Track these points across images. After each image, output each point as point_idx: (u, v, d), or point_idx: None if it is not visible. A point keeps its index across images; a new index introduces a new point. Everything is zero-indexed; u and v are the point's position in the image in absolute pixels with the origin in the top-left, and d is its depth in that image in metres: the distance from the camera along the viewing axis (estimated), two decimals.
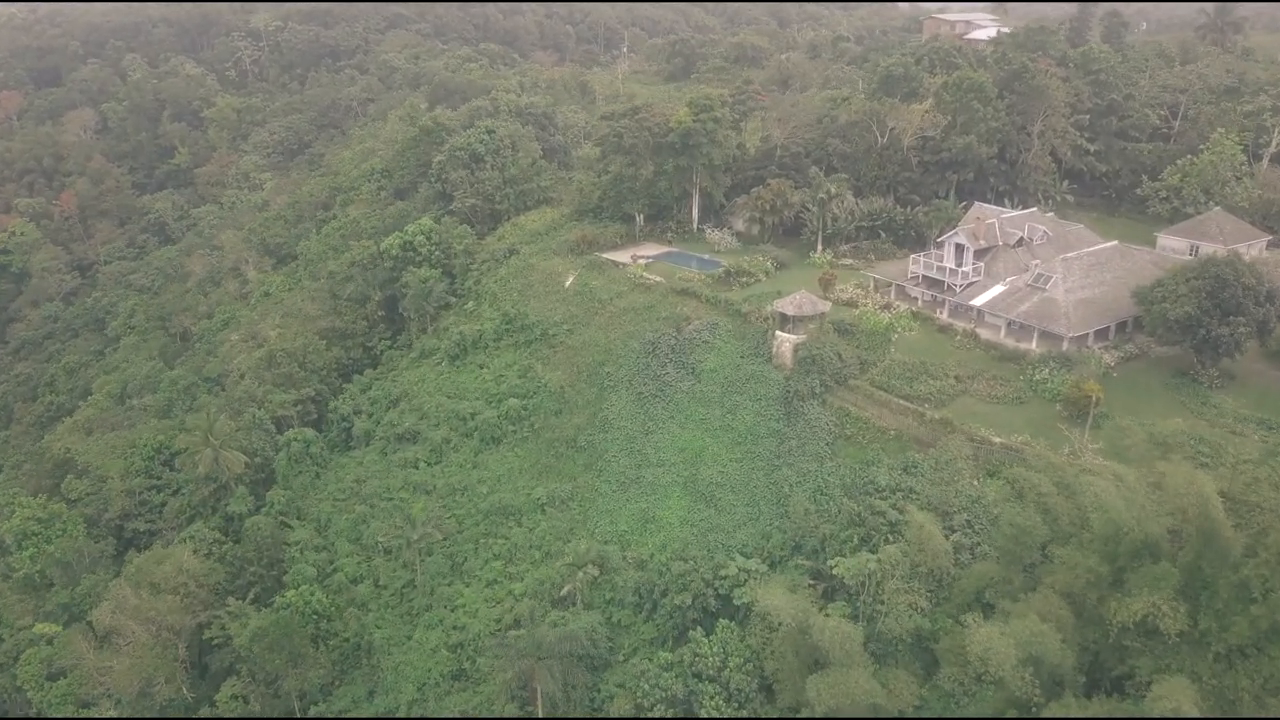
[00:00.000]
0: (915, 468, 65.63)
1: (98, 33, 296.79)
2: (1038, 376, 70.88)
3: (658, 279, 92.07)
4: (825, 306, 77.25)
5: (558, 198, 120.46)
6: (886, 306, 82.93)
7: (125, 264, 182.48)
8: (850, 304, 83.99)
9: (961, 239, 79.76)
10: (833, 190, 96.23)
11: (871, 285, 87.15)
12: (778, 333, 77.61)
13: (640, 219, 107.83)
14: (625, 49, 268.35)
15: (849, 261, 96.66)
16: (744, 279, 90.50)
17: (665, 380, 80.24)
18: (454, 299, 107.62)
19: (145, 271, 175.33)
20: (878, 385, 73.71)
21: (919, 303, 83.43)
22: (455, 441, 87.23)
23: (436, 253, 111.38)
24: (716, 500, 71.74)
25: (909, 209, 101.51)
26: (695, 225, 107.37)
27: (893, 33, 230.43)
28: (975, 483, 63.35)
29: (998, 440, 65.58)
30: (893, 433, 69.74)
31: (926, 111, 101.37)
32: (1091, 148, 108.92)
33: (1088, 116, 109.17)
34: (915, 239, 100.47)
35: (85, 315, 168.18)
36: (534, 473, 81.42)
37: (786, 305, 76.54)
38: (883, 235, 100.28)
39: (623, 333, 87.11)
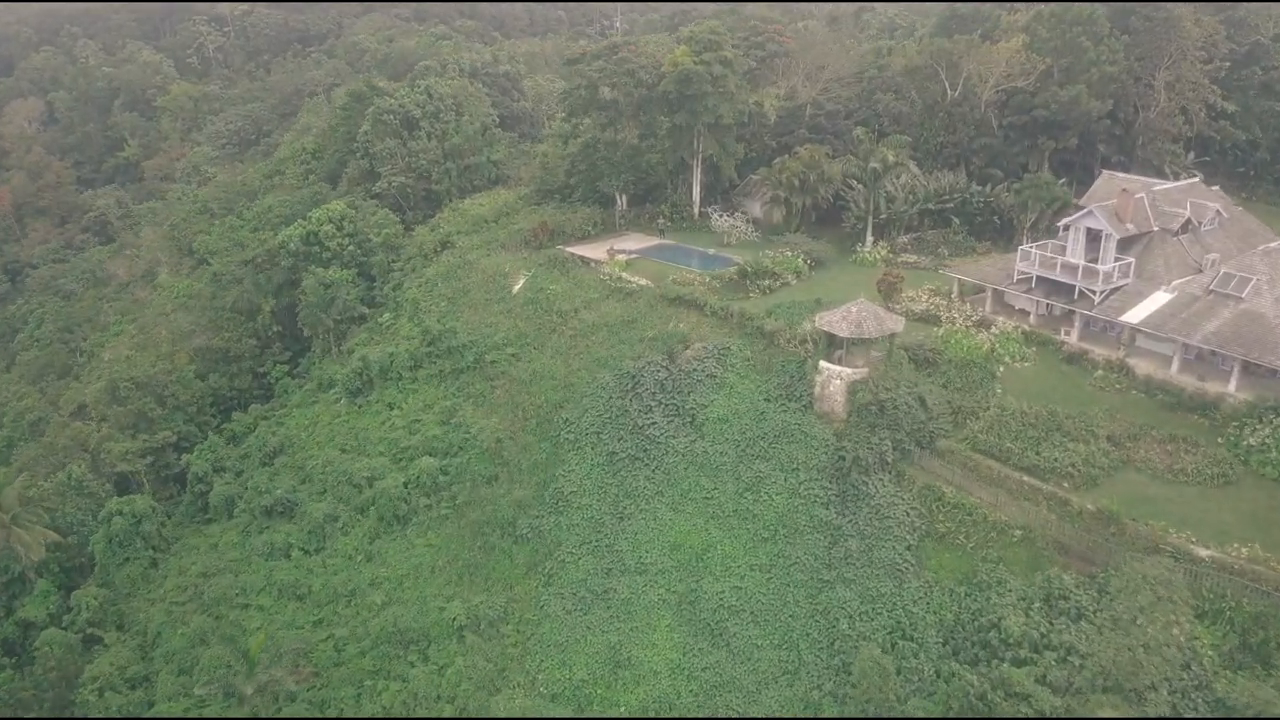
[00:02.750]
0: (1067, 599, 40.35)
1: (53, 18, 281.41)
2: (1250, 440, 45.62)
3: (643, 281, 66.95)
4: (896, 324, 51.97)
5: (516, 176, 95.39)
6: (981, 323, 57.73)
7: (55, 267, 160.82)
8: (925, 319, 58.86)
9: (1099, 221, 54.50)
10: (891, 158, 71.00)
11: (955, 291, 61.94)
12: (823, 364, 52.43)
13: (622, 201, 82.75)
14: (617, 24, 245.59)
15: (911, 258, 71.66)
16: (766, 282, 65.48)
17: (650, 435, 55.00)
18: (369, 309, 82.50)
19: (72, 275, 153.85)
20: (983, 449, 48.59)
21: (1031, 318, 58.15)
22: (344, 519, 61.84)
23: (350, 247, 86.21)
24: (728, 634, 46.54)
25: (988, 186, 76.40)
26: (696, 209, 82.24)
27: None
28: (1178, 631, 38.02)
29: (1205, 554, 40.32)
30: (1018, 532, 44.43)
31: (1016, 52, 76.19)
32: (1230, 108, 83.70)
33: (1225, 66, 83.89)
34: (999, 228, 75.57)
35: (3, 326, 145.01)
36: (452, 573, 56.05)
37: (837, 322, 51.30)
38: (955, 222, 75.16)
39: (590, 360, 61.97)
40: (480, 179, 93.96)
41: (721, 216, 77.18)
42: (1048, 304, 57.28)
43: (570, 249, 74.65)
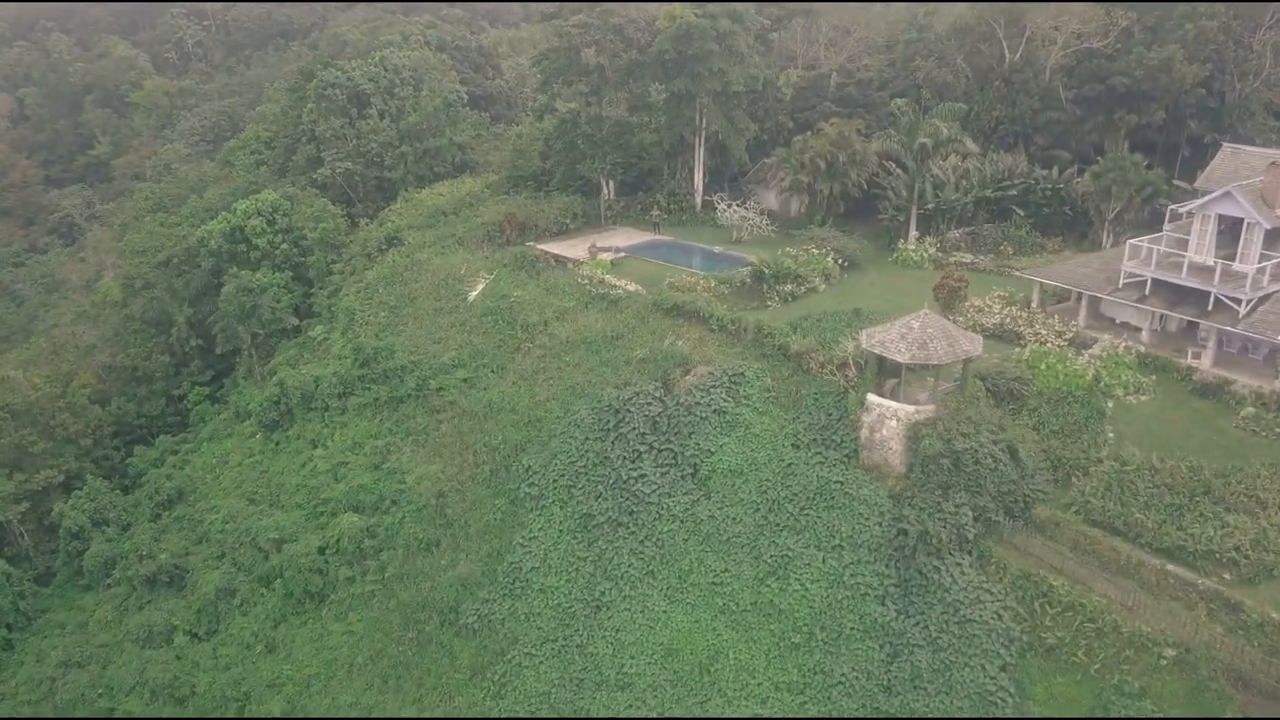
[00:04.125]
0: None
1: (29, 14, 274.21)
2: None
3: (631, 286, 53.94)
4: (974, 344, 38.77)
5: (485, 162, 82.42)
6: (1076, 342, 44.65)
7: (15, 270, 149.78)
8: (999, 335, 45.81)
9: (1240, 205, 41.41)
10: (944, 132, 57.90)
11: (1035, 299, 48.90)
12: (872, 398, 39.38)
13: (608, 188, 69.76)
14: None
15: (966, 257, 58.86)
16: (788, 287, 52.62)
17: (638, 491, 41.85)
18: (306, 321, 69.62)
19: (29, 279, 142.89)
20: (1101, 521, 35.61)
21: (1143, 334, 45.01)
22: (244, 594, 48.76)
23: (284, 245, 73.30)
24: None
25: (1054, 171, 63.50)
26: (699, 198, 69.21)
27: None
28: None
29: None
30: (1169, 651, 31.29)
31: (1091, 7, 63.27)
32: None
33: None
34: (1069, 221, 62.70)
35: None
36: (375, 674, 42.89)
37: (894, 342, 38.20)
38: (1017, 214, 62.15)
39: (562, 388, 48.89)
40: (442, 165, 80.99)
41: (730, 207, 64.16)
42: (1167, 316, 44.12)
43: (543, 246, 61.61)
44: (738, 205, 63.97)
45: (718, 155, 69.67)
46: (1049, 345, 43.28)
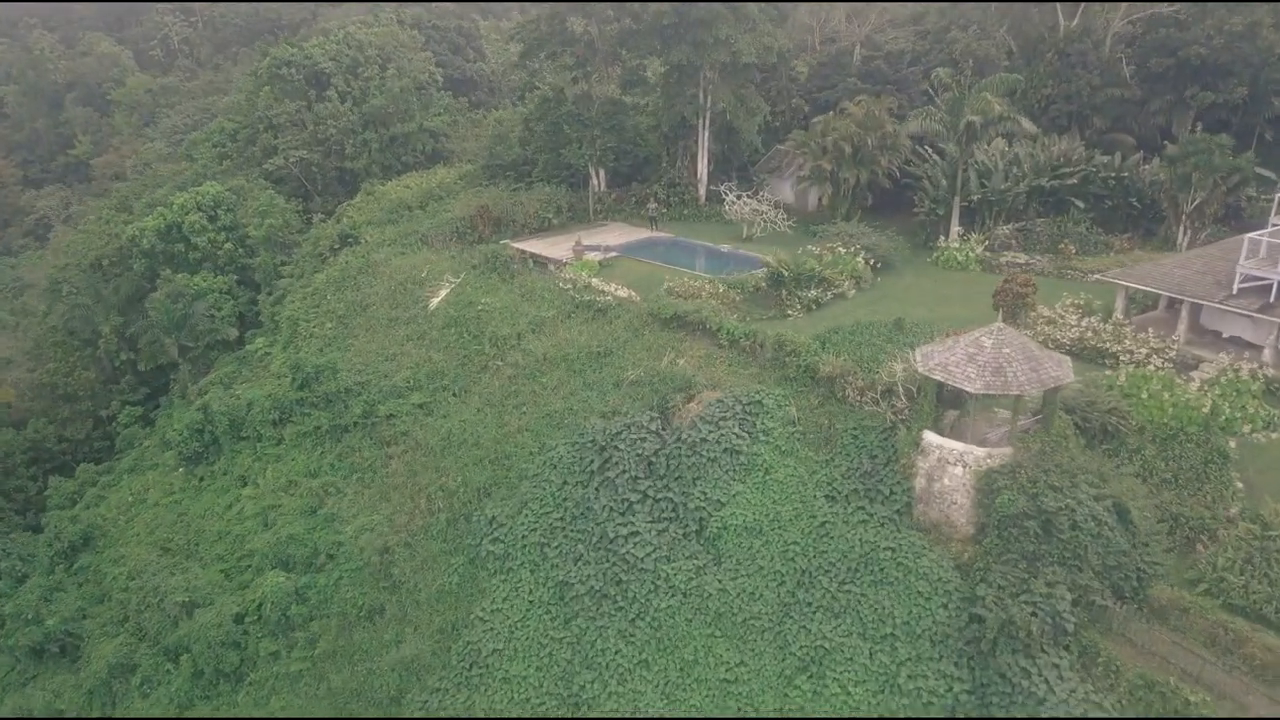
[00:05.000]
0: None
1: (12, 11, 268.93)
2: None
3: (623, 292, 45.44)
4: (1063, 369, 30.10)
5: (462, 151, 74.00)
6: (1173, 361, 36.07)
7: None
8: (1081, 353, 37.23)
9: None
10: (996, 109, 49.35)
11: (1119, 308, 40.38)
12: (929, 437, 30.92)
13: (599, 178, 61.31)
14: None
15: (1020, 258, 50.39)
16: (812, 293, 44.15)
17: (629, 554, 33.26)
18: (247, 332, 61.21)
19: None
20: (1243, 607, 26.99)
21: (1266, 353, 36.35)
22: (146, 670, 40.24)
23: (227, 244, 64.90)
24: None
25: (1116, 156, 55.08)
26: (703, 189, 60.72)
27: None
28: None
29: None
30: None
31: None
32: None
33: None
34: (1135, 216, 54.36)
35: None
36: None
37: (959, 365, 29.66)
38: (1078, 207, 53.68)
39: (536, 417, 40.34)
40: (411, 154, 72.65)
41: (740, 199, 55.68)
42: None
43: (519, 244, 53.16)
44: (748, 197, 55.47)
45: (724, 140, 61.23)
46: (1152, 367, 34.65)
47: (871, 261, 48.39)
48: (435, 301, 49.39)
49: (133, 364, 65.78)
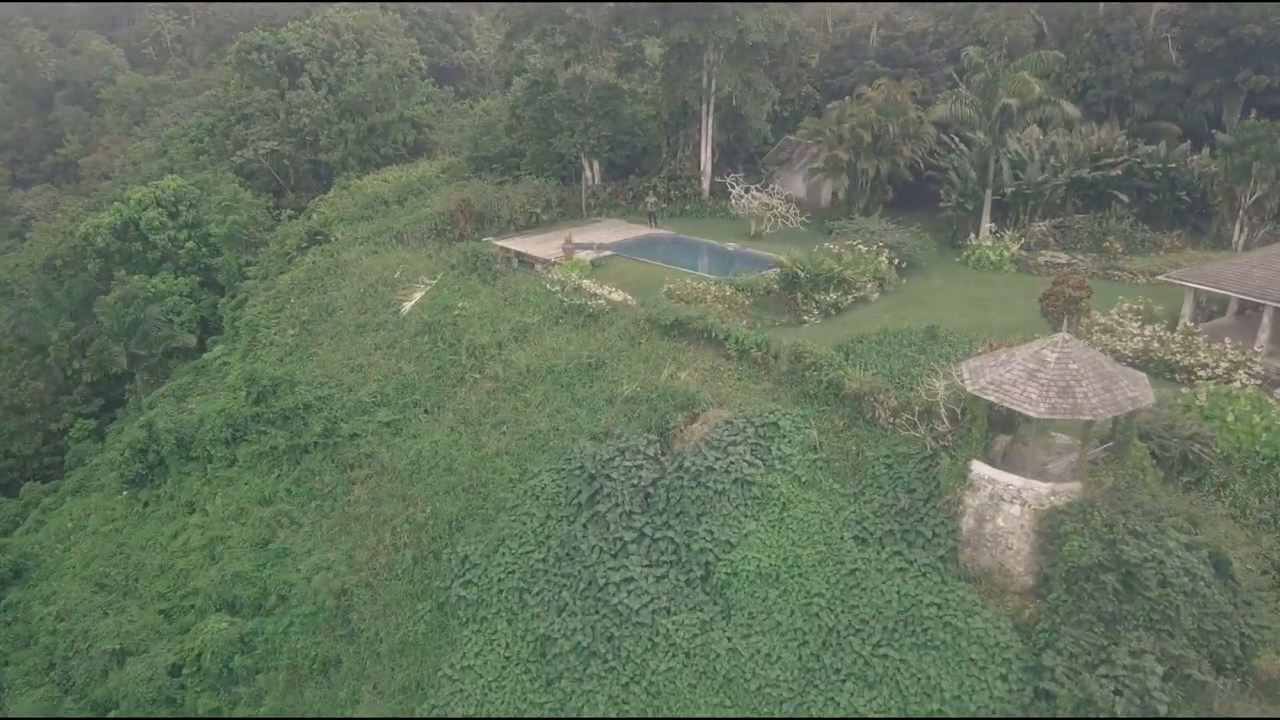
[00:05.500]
0: None
1: (4, 9, 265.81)
2: None
3: (618, 295, 40.66)
4: (1139, 388, 25.27)
5: (447, 143, 69.27)
6: (1259, 377, 31.22)
7: None
8: (1143, 366, 32.31)
9: None
10: (1037, 91, 44.49)
11: (1186, 313, 35.62)
12: (979, 468, 26.21)
13: (593, 171, 56.60)
14: None
15: (1060, 257, 45.83)
16: (831, 296, 39.49)
17: (621, 605, 28.52)
18: (210, 339, 56.47)
19: None
20: None
21: None
22: None
23: (189, 243, 60.22)
24: None
25: (1160, 146, 50.28)
26: (706, 182, 55.96)
27: None
28: None
29: None
30: None
31: None
32: None
33: None
34: (1183, 212, 49.55)
35: None
36: None
37: (1017, 384, 24.91)
38: (1121, 201, 48.87)
39: (518, 438, 35.59)
40: (391, 146, 67.93)
41: (748, 192, 50.92)
42: None
43: (503, 242, 48.42)
44: (757, 190, 50.70)
45: (730, 128, 56.49)
46: (1236, 384, 29.84)
47: (896, 261, 43.63)
48: (408, 306, 44.62)
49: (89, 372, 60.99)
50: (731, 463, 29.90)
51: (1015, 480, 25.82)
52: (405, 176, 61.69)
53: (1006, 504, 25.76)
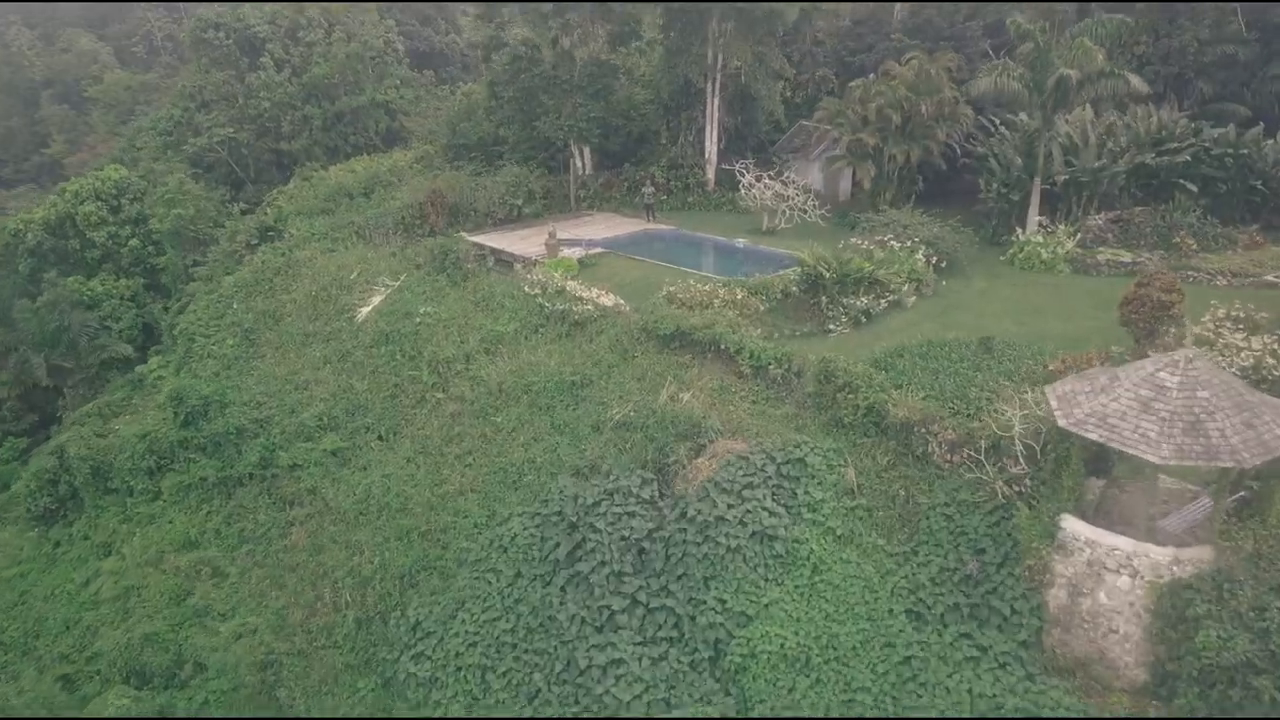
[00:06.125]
0: None
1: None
2: None
3: (609, 300, 34.76)
4: None
5: (421, 132, 63.40)
6: None
7: None
8: (1257, 385, 26.26)
9: None
10: (1099, 62, 38.55)
11: None
12: (1071, 523, 20.18)
13: (583, 158, 50.73)
14: None
15: (1123, 255, 39.94)
16: (860, 300, 33.60)
17: (609, 697, 22.56)
18: (151, 349, 50.57)
19: None
20: None
21: None
22: None
23: (133, 240, 54.40)
24: None
25: (1232, 130, 44.31)
26: (711, 171, 50.09)
27: None
28: None
29: None
30: None
31: None
32: None
33: None
34: (1256, 204, 43.64)
35: None
36: None
37: (1126, 415, 19.06)
38: (1189, 190, 42.90)
39: (485, 471, 29.69)
40: (362, 134, 62.16)
41: (760, 180, 45.03)
42: None
43: (477, 238, 42.55)
44: (770, 178, 44.81)
45: (738, 111, 50.63)
46: None
47: (934, 260, 37.79)
48: (365, 311, 38.74)
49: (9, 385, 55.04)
50: (748, 511, 24.00)
51: (1122, 543, 19.94)
52: (375, 167, 55.84)
53: (1111, 574, 19.89)
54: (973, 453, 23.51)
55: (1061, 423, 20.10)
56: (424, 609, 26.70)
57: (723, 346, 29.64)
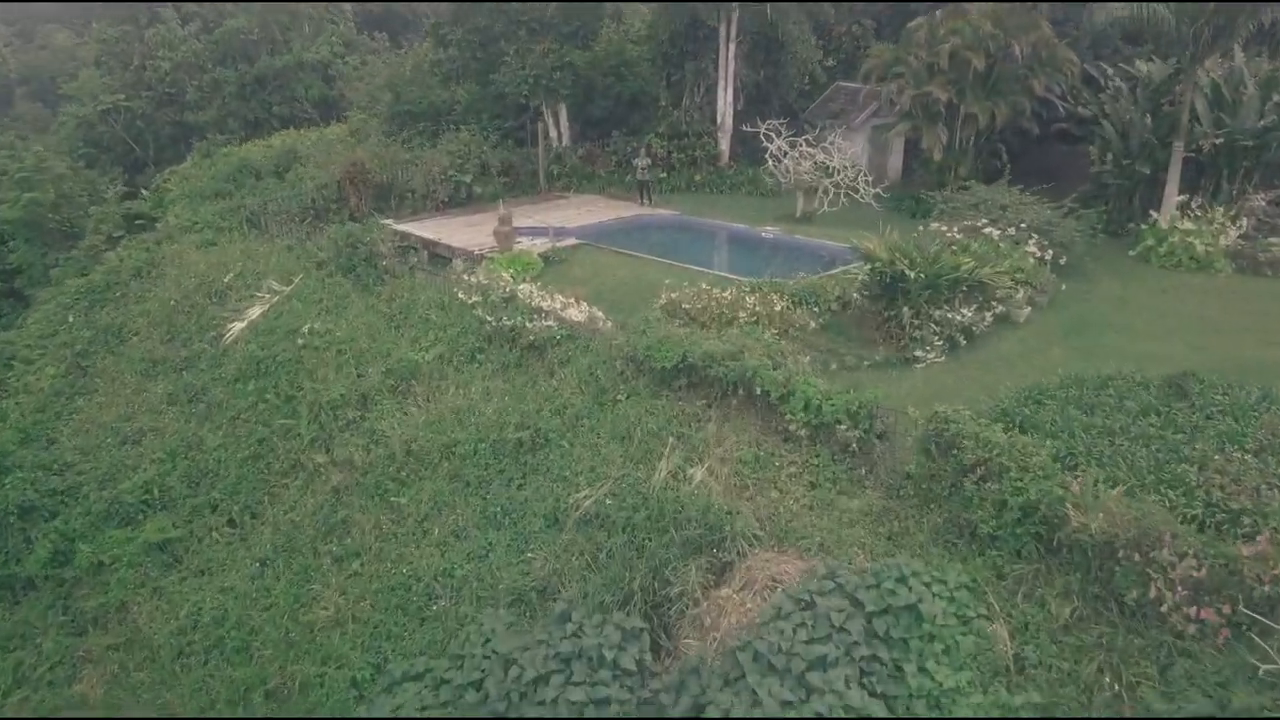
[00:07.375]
0: None
1: None
2: None
3: (579, 314, 23.70)
4: None
5: (360, 100, 52.60)
6: None
7: None
8: None
9: None
10: None
11: None
12: None
13: (558, 125, 39.88)
14: None
15: None
16: (961, 314, 22.43)
17: None
18: None
19: None
20: None
21: None
22: None
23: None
24: None
25: None
26: (726, 139, 39.25)
27: None
28: None
29: None
30: None
31: None
32: None
33: None
34: None
35: None
36: None
37: None
38: None
39: (375, 589, 18.69)
40: (288, 102, 51.21)
41: (795, 148, 34.21)
42: None
43: (405, 226, 31.80)
44: (808, 144, 33.99)
45: (760, 64, 39.79)
46: None
47: (1047, 253, 27.08)
48: (237, 328, 27.84)
49: None
50: (817, 713, 13.04)
51: None
52: (299, 141, 45.17)
53: None
54: (1242, 608, 12.64)
55: None
56: None
57: (758, 389, 18.75)
